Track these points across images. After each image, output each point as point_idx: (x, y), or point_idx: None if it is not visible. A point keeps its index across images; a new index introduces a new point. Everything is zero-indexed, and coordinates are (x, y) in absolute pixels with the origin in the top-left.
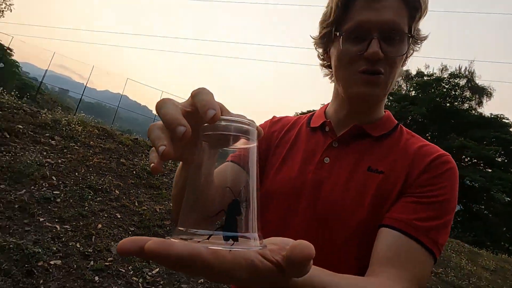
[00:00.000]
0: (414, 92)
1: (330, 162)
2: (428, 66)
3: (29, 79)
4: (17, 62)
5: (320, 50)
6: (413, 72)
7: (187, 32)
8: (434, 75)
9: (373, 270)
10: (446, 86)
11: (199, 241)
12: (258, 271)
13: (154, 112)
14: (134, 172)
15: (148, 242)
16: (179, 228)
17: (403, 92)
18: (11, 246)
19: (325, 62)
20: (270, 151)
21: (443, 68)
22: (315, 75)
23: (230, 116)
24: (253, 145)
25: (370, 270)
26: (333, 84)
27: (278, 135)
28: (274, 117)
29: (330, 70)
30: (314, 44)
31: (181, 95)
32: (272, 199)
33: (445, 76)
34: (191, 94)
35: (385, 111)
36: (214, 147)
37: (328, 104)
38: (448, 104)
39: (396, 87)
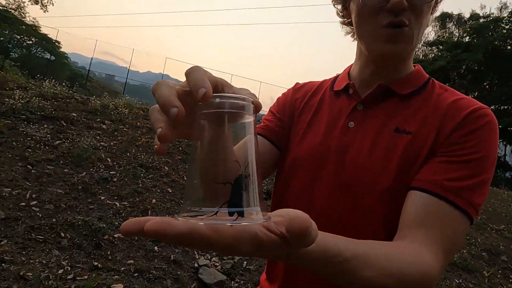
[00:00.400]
0: (468, 37)
1: (355, 126)
2: (484, 6)
3: (78, 69)
4: (65, 53)
5: (339, 7)
6: (466, 16)
7: (216, 5)
8: (492, 15)
9: (400, 235)
10: (506, 27)
11: (203, 218)
12: (263, 244)
13: None
14: (180, 148)
15: (147, 223)
16: (185, 206)
17: (455, 39)
18: (79, 223)
19: (345, 19)
20: (294, 118)
21: (502, 6)
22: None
23: (233, 91)
24: (250, 119)
25: (398, 235)
26: (355, 42)
27: (301, 102)
28: (297, 83)
29: (352, 27)
30: (332, 1)
31: (219, 69)
32: (297, 167)
33: (505, 15)
34: (185, 73)
35: (414, 66)
36: (215, 125)
37: (352, 64)
38: (509, 47)
39: (447, 34)
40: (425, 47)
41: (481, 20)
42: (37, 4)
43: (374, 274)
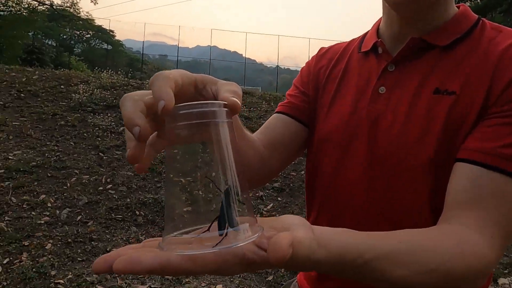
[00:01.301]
0: None
1: (387, 91)
2: None
3: (133, 54)
4: (120, 41)
5: None
6: None
7: None
8: None
9: (446, 216)
10: None
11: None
12: (254, 264)
13: (244, 55)
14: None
15: (116, 261)
16: (169, 229)
17: None
18: (150, 201)
19: None
20: (319, 90)
21: None
22: None
23: (216, 87)
24: (224, 125)
25: (443, 217)
26: None
27: (326, 71)
28: (321, 48)
29: None
30: None
31: (265, 31)
32: (325, 144)
33: None
34: (149, 83)
35: (458, 7)
36: (186, 137)
37: (380, 18)
38: None
39: None
40: None
41: None
42: None
43: (406, 273)
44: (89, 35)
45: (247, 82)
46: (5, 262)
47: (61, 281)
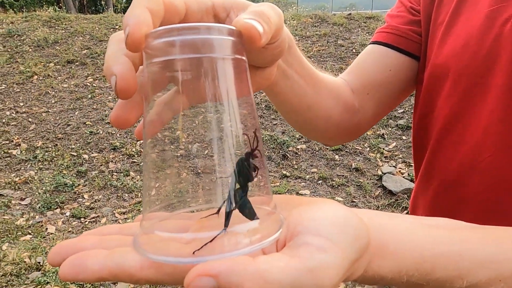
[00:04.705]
0: None
1: None
2: None
3: None
4: None
5: None
6: None
7: None
8: None
9: None
10: None
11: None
12: None
13: None
14: (353, 50)
15: (61, 266)
16: (146, 218)
17: None
18: (266, 138)
19: None
20: (434, 4)
21: None
22: None
23: (248, 13)
24: (228, 63)
25: None
26: None
27: None
28: None
29: None
30: None
31: None
32: (441, 79)
33: None
34: None
35: None
36: (167, 81)
37: None
38: None
39: None
40: None
41: None
42: None
43: None
44: None
45: (375, 5)
46: None
47: None
